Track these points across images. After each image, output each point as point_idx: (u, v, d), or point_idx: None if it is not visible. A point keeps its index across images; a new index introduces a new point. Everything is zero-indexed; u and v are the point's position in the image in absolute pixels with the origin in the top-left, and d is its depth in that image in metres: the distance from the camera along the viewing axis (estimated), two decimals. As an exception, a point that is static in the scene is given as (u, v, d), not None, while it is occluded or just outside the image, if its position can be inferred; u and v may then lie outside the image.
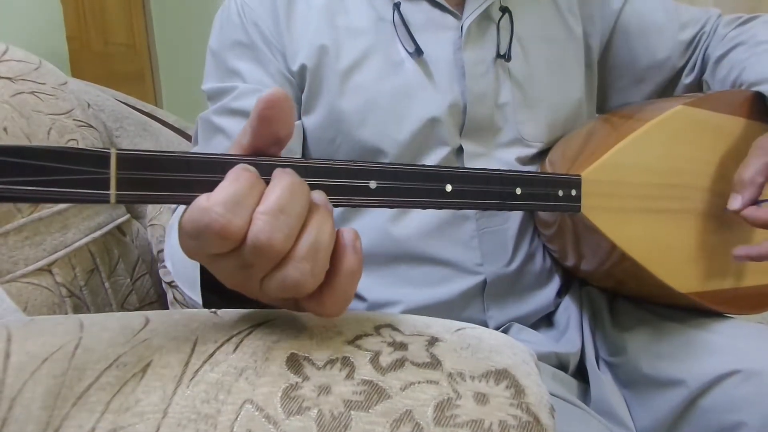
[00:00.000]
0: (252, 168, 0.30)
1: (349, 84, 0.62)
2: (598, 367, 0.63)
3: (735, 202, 0.55)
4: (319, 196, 0.31)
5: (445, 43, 0.64)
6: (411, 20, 0.63)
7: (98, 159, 0.27)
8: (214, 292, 0.44)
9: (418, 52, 0.62)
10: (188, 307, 0.46)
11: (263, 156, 0.32)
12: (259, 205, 0.28)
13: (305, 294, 0.30)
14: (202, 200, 0.28)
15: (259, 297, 0.31)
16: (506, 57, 0.64)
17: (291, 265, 0.29)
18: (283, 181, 0.29)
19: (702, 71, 0.76)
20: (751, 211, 0.55)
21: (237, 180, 0.28)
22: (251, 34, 0.64)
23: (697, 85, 0.77)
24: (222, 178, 0.30)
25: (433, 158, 0.63)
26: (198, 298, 0.43)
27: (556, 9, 0.70)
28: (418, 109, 0.62)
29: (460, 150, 0.64)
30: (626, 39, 0.75)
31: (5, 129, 0.65)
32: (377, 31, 0.63)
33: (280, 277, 0.29)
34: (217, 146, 0.63)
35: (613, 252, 0.56)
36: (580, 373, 0.65)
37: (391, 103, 0.62)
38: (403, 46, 0.63)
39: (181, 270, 0.47)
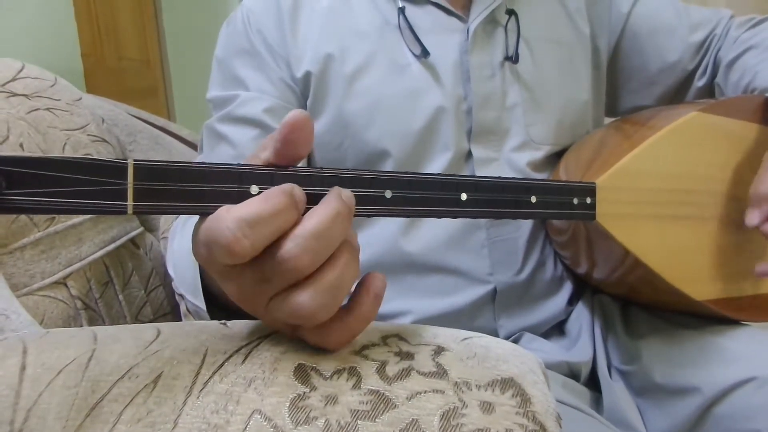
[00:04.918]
0: (297, 194, 0.29)
1: (356, 87, 0.63)
2: (611, 376, 0.63)
3: (753, 218, 0.55)
4: (353, 236, 0.30)
5: (451, 46, 0.64)
6: (417, 23, 0.63)
7: (115, 170, 0.27)
8: (214, 304, 0.44)
9: (424, 54, 0.62)
10: (198, 319, 0.46)
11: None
12: (298, 226, 0.28)
13: (312, 325, 0.30)
14: (223, 209, 0.28)
15: (261, 316, 0.31)
16: (513, 59, 0.64)
17: (309, 294, 0.28)
18: (330, 206, 0.28)
19: (714, 74, 0.75)
20: None
21: (265, 201, 0.28)
22: (255, 41, 0.64)
23: (710, 88, 0.76)
24: (238, 189, 0.30)
25: (440, 162, 0.63)
26: (201, 303, 0.43)
27: (564, 10, 0.70)
28: (424, 106, 0.62)
29: (469, 155, 0.64)
30: (636, 42, 0.75)
31: (21, 145, 0.66)
32: (383, 34, 0.64)
33: (294, 302, 0.28)
34: (221, 153, 0.63)
35: (627, 259, 0.56)
36: (593, 382, 0.64)
37: (397, 103, 0.62)
38: (410, 50, 0.63)
39: (181, 276, 0.47)
